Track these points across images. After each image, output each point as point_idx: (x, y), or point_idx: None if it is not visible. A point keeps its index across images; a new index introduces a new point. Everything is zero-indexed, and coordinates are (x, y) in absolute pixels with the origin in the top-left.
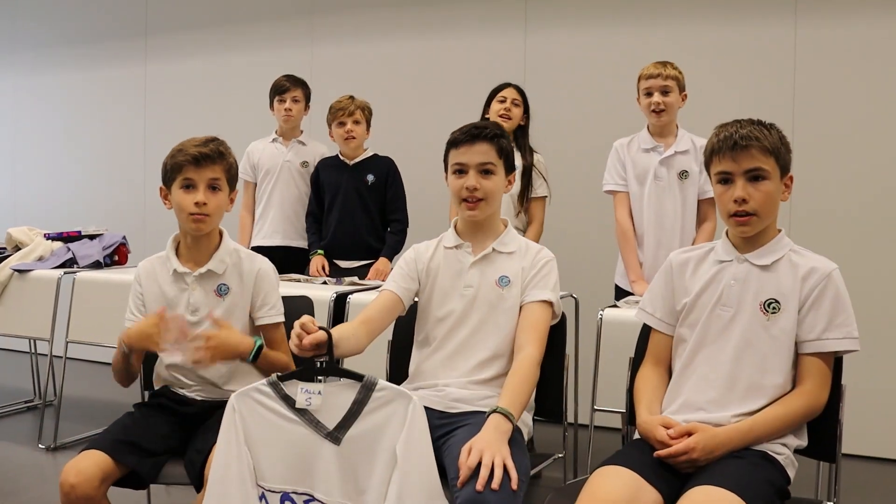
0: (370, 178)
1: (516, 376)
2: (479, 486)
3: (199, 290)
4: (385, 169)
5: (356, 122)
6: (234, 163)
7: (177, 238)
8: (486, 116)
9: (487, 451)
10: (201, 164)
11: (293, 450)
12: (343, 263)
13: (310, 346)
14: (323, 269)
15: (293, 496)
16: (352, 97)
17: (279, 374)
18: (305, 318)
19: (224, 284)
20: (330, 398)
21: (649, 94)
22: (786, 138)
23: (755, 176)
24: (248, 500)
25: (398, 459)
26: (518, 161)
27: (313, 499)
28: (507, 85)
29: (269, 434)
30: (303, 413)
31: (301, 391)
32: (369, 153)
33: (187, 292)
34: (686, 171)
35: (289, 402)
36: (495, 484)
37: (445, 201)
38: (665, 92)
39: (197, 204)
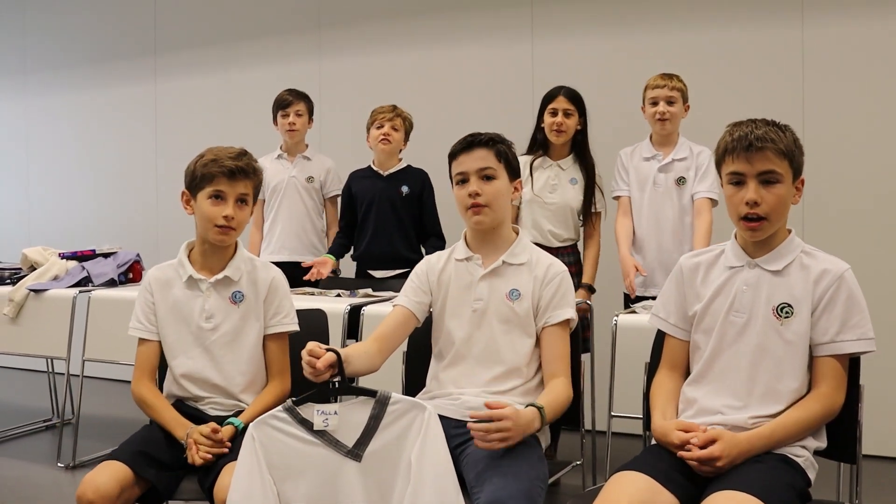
0: (405, 189)
1: (554, 394)
2: (477, 436)
3: (214, 297)
4: (420, 181)
5: (394, 129)
6: (261, 179)
7: (190, 245)
8: (542, 126)
9: (514, 429)
10: (235, 178)
11: (316, 471)
12: (377, 273)
13: (324, 368)
14: (332, 273)
15: None
16: (395, 106)
17: (294, 399)
18: (311, 345)
19: (239, 292)
20: (346, 417)
21: (654, 104)
22: (799, 140)
23: (768, 179)
24: None
25: (412, 469)
26: (578, 174)
27: None
28: (557, 92)
29: (290, 459)
30: (322, 434)
31: (317, 413)
32: (403, 164)
33: (202, 298)
34: (683, 178)
35: (306, 425)
36: (481, 442)
37: (454, 212)
38: (670, 102)
39: (226, 217)
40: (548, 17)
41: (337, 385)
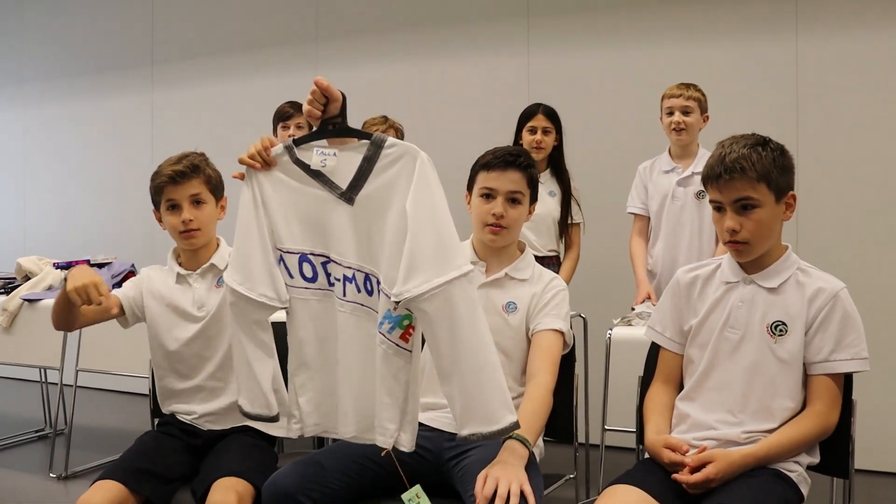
0: None
1: (531, 403)
2: None
3: (201, 285)
4: None
5: None
6: (212, 173)
7: (177, 250)
8: (520, 142)
9: (503, 478)
10: (179, 182)
11: (309, 212)
12: None
13: (321, 95)
14: None
15: (311, 257)
16: (386, 117)
17: (295, 139)
18: (321, 79)
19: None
20: (343, 161)
21: (671, 114)
22: (783, 158)
23: (745, 205)
24: (268, 260)
25: (408, 217)
26: (556, 187)
27: (330, 260)
28: (535, 110)
29: (285, 197)
30: (318, 175)
31: (316, 153)
32: None
33: (191, 291)
34: (703, 192)
35: (303, 165)
36: None
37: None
38: (686, 112)
39: (184, 222)
40: (544, 30)
41: (336, 126)
